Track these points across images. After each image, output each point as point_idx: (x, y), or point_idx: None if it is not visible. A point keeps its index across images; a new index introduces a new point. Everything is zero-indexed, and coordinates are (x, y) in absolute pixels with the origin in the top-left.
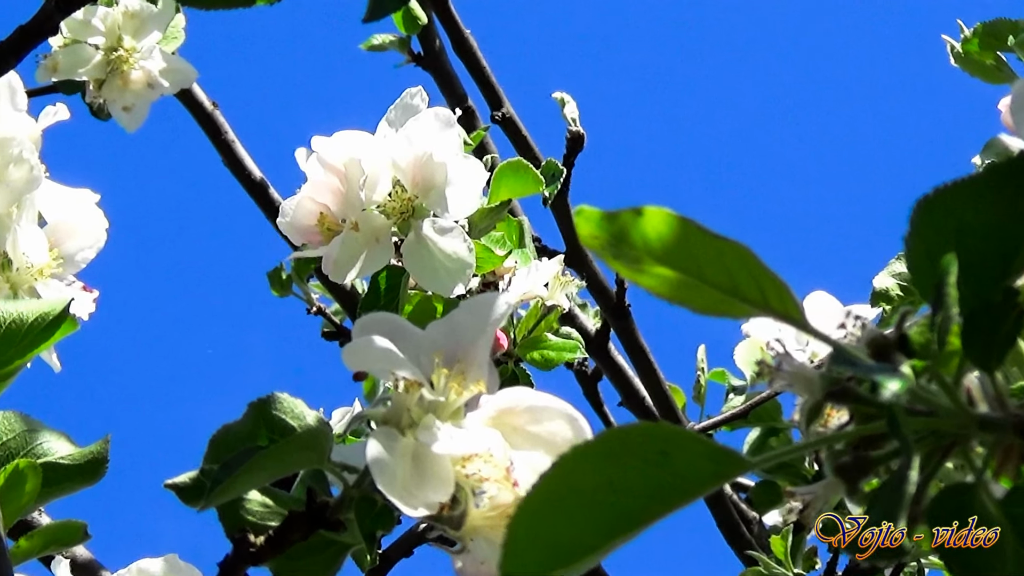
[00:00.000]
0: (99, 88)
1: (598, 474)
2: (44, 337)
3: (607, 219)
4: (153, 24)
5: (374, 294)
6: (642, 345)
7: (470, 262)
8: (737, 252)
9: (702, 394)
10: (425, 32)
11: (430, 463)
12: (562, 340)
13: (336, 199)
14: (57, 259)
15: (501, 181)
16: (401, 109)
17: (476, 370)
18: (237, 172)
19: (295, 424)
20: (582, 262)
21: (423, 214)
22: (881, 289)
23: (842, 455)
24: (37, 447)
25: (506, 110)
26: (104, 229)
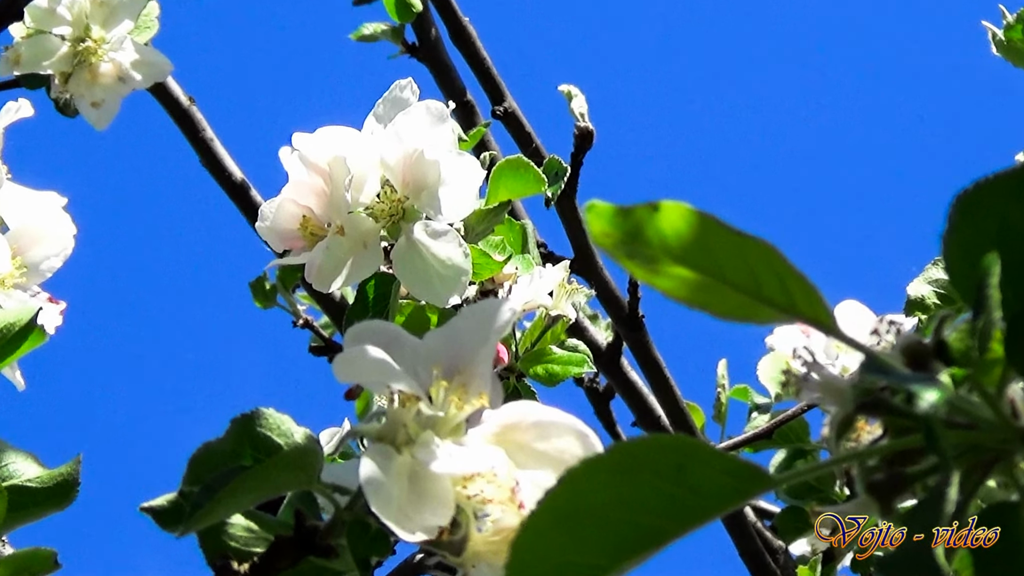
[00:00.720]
0: (65, 82)
1: (609, 490)
2: (9, 350)
3: (620, 215)
4: (124, 13)
5: (362, 304)
6: (657, 359)
7: (466, 268)
8: (761, 251)
9: (723, 413)
10: (420, 21)
11: (428, 484)
12: (568, 353)
13: (320, 201)
14: (21, 268)
15: (500, 180)
16: (390, 103)
17: (478, 383)
18: (216, 173)
19: (282, 442)
20: (591, 269)
21: (414, 216)
22: (916, 297)
23: (875, 472)
24: (3, 469)
25: (508, 104)
26: (71, 235)
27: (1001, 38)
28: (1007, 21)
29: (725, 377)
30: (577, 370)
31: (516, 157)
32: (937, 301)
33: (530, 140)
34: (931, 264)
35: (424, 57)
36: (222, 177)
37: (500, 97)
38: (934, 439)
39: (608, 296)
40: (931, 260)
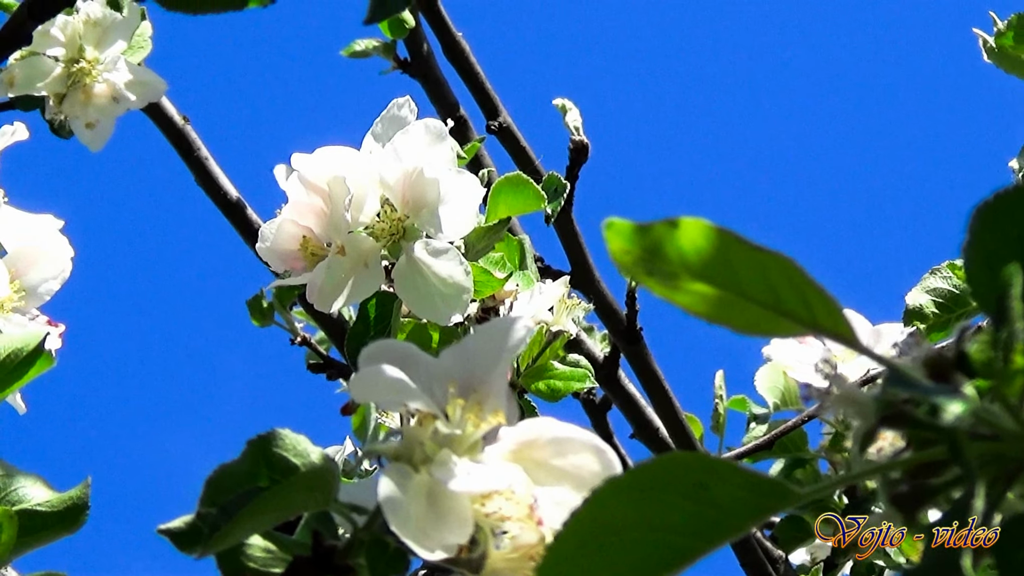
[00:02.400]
0: (60, 103)
1: (632, 510)
2: (17, 375)
3: (639, 232)
4: (117, 33)
5: (363, 323)
6: (655, 371)
7: (467, 286)
8: (781, 265)
9: (721, 424)
10: (412, 36)
11: (446, 502)
12: (570, 369)
13: (320, 221)
14: (19, 291)
15: (499, 197)
16: (388, 121)
17: (494, 400)
18: (211, 192)
19: (298, 463)
20: (589, 283)
21: (415, 235)
22: (914, 307)
23: (898, 484)
24: (12, 493)
25: (503, 119)
26: (69, 258)
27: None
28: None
29: (723, 388)
30: (579, 385)
31: (515, 174)
32: (935, 310)
33: (526, 155)
34: (929, 273)
35: (416, 72)
36: (217, 196)
37: (495, 112)
38: (959, 451)
39: (606, 309)
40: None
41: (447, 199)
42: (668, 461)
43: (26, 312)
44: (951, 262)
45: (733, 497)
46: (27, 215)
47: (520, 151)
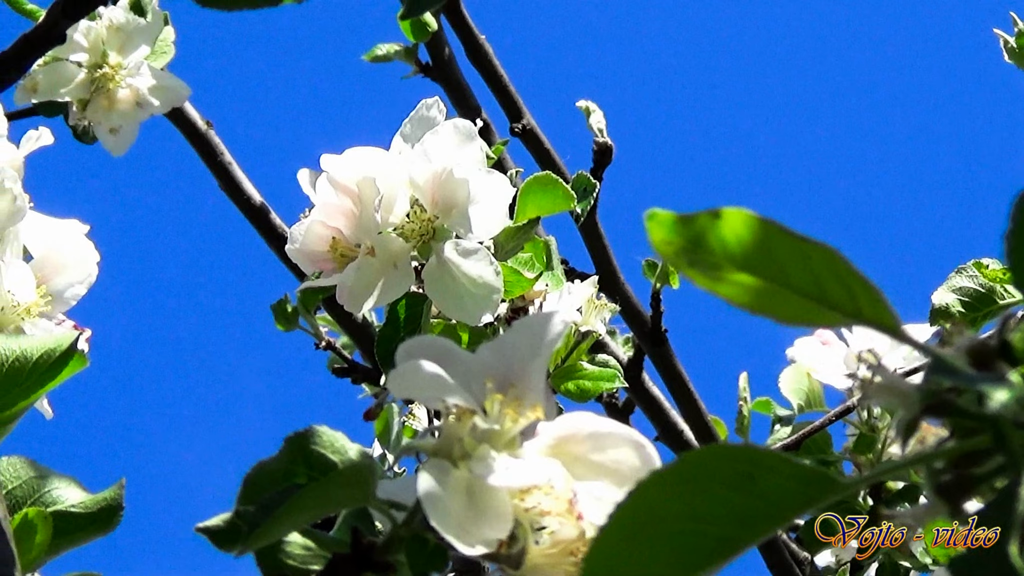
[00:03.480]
0: (83, 109)
1: (678, 501)
2: (50, 376)
3: (682, 223)
4: (140, 38)
5: (392, 325)
6: (681, 373)
7: (497, 287)
8: (825, 255)
9: (745, 426)
10: (433, 40)
11: (486, 497)
12: (599, 369)
13: (349, 222)
14: (45, 296)
15: (528, 197)
16: (416, 122)
17: (532, 395)
18: (235, 196)
19: (336, 459)
20: (614, 284)
21: (445, 236)
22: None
23: (943, 474)
24: (46, 495)
25: (527, 121)
26: (95, 263)
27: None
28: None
29: (746, 390)
30: (608, 385)
31: (544, 174)
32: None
33: (549, 157)
34: (954, 272)
35: (438, 76)
36: (241, 201)
37: (518, 114)
38: (1004, 439)
39: (630, 311)
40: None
41: (477, 199)
42: (714, 452)
43: (52, 317)
44: (977, 261)
45: (779, 488)
46: (53, 220)
47: (544, 153)
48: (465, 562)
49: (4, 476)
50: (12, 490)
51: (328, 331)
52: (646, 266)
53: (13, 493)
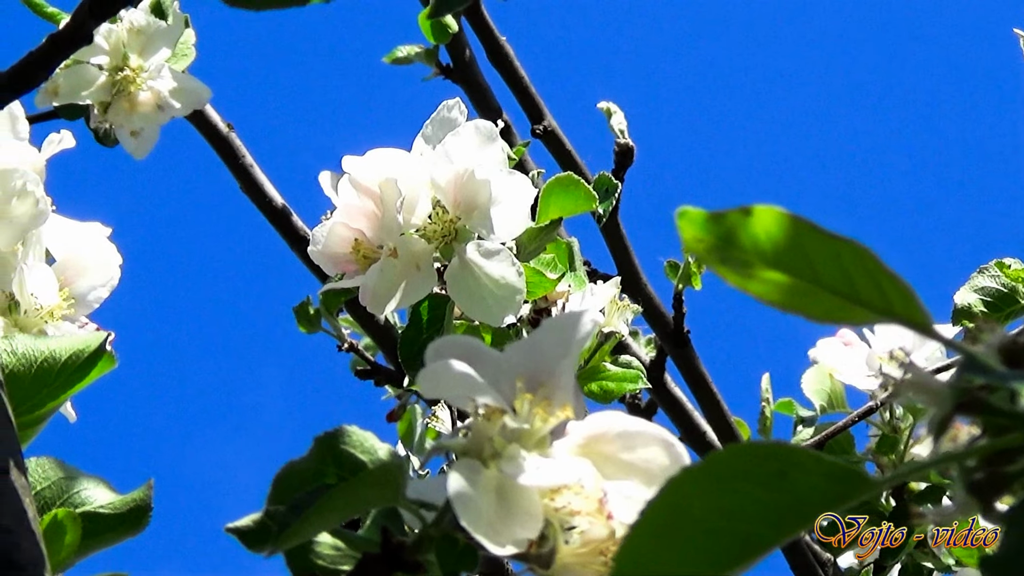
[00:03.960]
0: (104, 112)
1: (709, 499)
2: (79, 377)
3: (713, 220)
4: (161, 41)
5: (415, 327)
6: (703, 374)
7: (520, 288)
8: (856, 253)
9: (768, 427)
10: (454, 42)
11: (516, 497)
12: (622, 370)
13: (372, 224)
14: (68, 299)
15: (550, 198)
16: (438, 123)
17: (561, 394)
18: (257, 199)
19: (366, 459)
20: (636, 285)
21: (467, 237)
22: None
23: (975, 472)
24: (75, 496)
25: (548, 123)
26: (117, 265)
27: None
28: None
29: (769, 391)
30: (632, 386)
31: (566, 175)
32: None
33: (571, 158)
34: (977, 272)
35: (459, 78)
36: (263, 203)
37: (539, 115)
38: None
39: (652, 312)
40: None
41: (499, 200)
42: (745, 450)
43: (75, 320)
44: (999, 260)
45: (811, 485)
46: (75, 223)
47: (565, 155)
48: (489, 563)
49: (33, 477)
50: (41, 491)
51: (350, 333)
52: (668, 267)
53: (42, 494)
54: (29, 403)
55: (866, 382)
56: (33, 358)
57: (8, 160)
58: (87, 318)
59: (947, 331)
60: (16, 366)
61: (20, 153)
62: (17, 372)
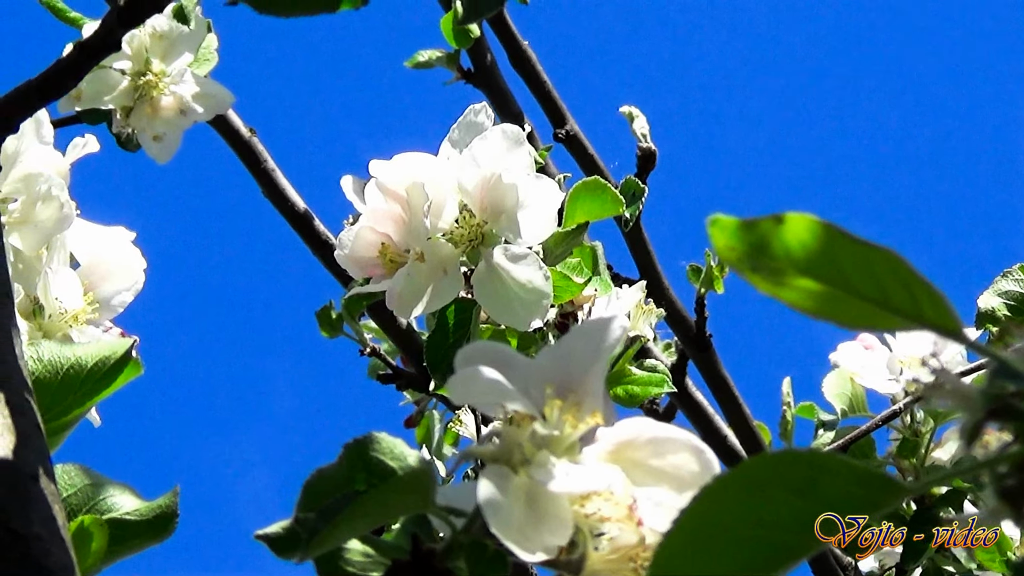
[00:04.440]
0: (127, 116)
1: (742, 507)
2: (105, 383)
3: (745, 228)
4: (183, 45)
5: (442, 331)
6: (725, 378)
7: (547, 292)
8: (887, 259)
9: (789, 431)
10: (475, 46)
11: (546, 503)
12: (647, 374)
13: (398, 228)
14: (92, 303)
15: (577, 202)
16: (465, 127)
17: (591, 401)
18: (279, 203)
19: (395, 466)
20: (659, 289)
21: (494, 241)
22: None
23: (1007, 478)
24: (101, 502)
25: (570, 127)
26: (142, 269)
27: None
28: None
29: (790, 395)
30: (657, 390)
31: (593, 179)
32: (1008, 313)
33: (593, 163)
34: (1000, 276)
35: (480, 82)
36: (285, 207)
37: (562, 120)
38: None
39: (675, 316)
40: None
41: (526, 204)
42: (778, 457)
43: (99, 324)
44: (1023, 264)
45: (843, 492)
46: (99, 228)
47: (588, 159)
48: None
49: (60, 484)
50: (67, 498)
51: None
52: (690, 271)
53: (69, 501)
54: (55, 410)
55: (887, 386)
56: (59, 365)
57: (33, 165)
58: (111, 322)
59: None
60: (42, 373)
61: (45, 158)
62: (43, 379)
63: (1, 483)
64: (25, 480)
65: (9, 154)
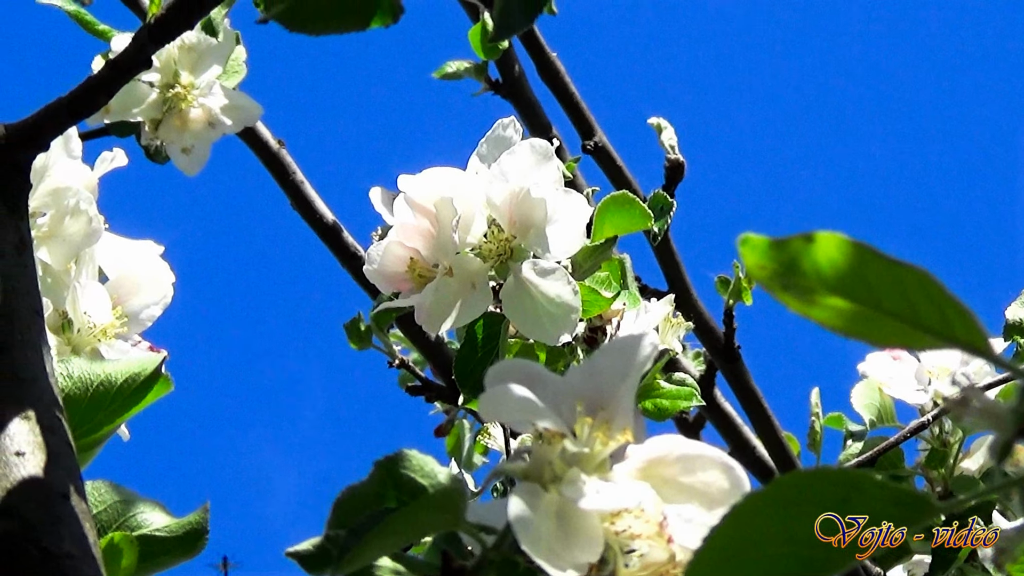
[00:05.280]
0: (155, 129)
1: (773, 525)
2: (135, 400)
3: (776, 247)
4: (212, 58)
5: (470, 345)
6: (754, 389)
7: (576, 306)
8: (917, 278)
9: (818, 441)
10: (503, 57)
11: (577, 520)
12: (676, 387)
13: (427, 242)
14: (121, 317)
15: (605, 216)
16: (493, 142)
17: (622, 418)
18: (307, 215)
19: (426, 483)
20: (687, 302)
21: (522, 255)
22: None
23: None
24: (131, 519)
25: (598, 139)
26: (170, 283)
27: None
28: None
29: (818, 405)
30: (686, 404)
31: (621, 193)
32: None
33: (621, 174)
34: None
35: (508, 93)
36: (313, 219)
37: (590, 131)
38: None
39: (703, 327)
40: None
41: (554, 219)
42: (810, 475)
43: (128, 338)
44: None
45: (876, 511)
46: (128, 241)
47: (616, 170)
48: None
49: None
50: (98, 514)
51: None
52: (719, 283)
53: (99, 517)
54: (85, 427)
55: (916, 396)
56: (89, 382)
57: (61, 178)
58: (140, 336)
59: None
60: (72, 390)
61: (73, 172)
62: (73, 396)
63: (33, 502)
64: (56, 498)
65: (38, 168)
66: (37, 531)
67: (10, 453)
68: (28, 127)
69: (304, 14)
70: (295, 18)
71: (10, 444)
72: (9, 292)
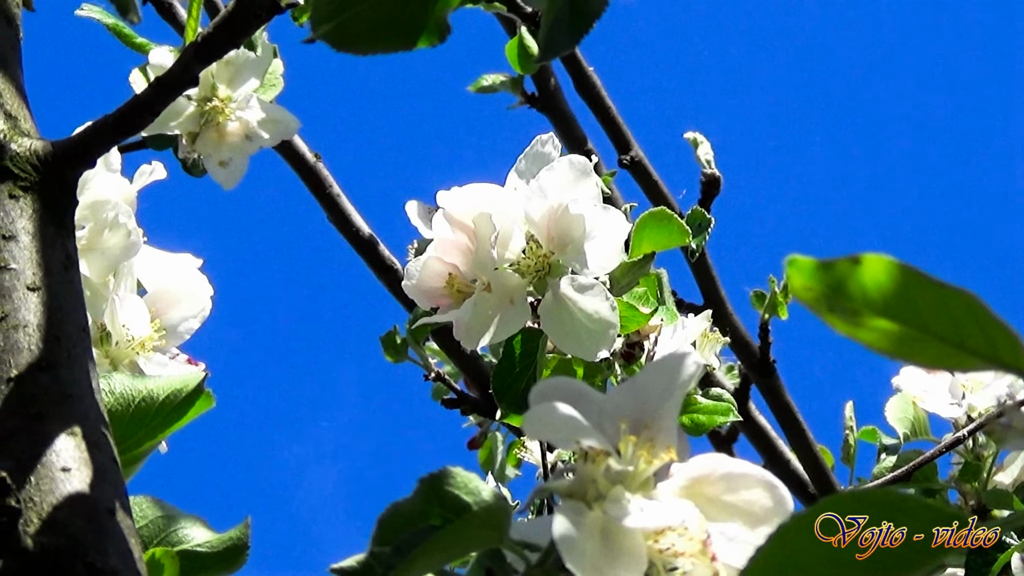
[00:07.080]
0: (192, 142)
1: (818, 546)
2: (176, 416)
3: (822, 269)
4: (249, 71)
5: (508, 360)
6: (789, 404)
7: (614, 322)
8: (964, 301)
9: (852, 455)
10: (539, 71)
11: (621, 539)
12: (713, 403)
13: (465, 258)
14: (159, 331)
15: (643, 232)
16: (531, 158)
17: (665, 436)
18: (343, 228)
19: (470, 500)
20: (723, 316)
21: (560, 271)
22: None
23: None
24: (172, 534)
25: (635, 153)
26: (209, 296)
27: None
28: None
29: (852, 419)
30: (723, 419)
31: (659, 209)
32: None
33: (657, 188)
34: None
35: (544, 107)
36: (349, 232)
37: (626, 145)
38: None
39: (738, 342)
40: None
41: (593, 235)
42: (852, 497)
43: (166, 351)
44: None
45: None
46: (166, 254)
47: (652, 185)
48: None
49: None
50: (140, 529)
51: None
52: (754, 297)
53: (140, 532)
54: (127, 443)
55: (950, 410)
56: (131, 398)
57: (100, 191)
58: (178, 349)
59: None
60: (114, 406)
61: (112, 185)
62: (115, 412)
63: (79, 517)
64: (102, 514)
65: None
66: (83, 546)
67: (56, 469)
68: (75, 145)
69: (351, 34)
70: (342, 38)
71: (56, 460)
72: (56, 310)
